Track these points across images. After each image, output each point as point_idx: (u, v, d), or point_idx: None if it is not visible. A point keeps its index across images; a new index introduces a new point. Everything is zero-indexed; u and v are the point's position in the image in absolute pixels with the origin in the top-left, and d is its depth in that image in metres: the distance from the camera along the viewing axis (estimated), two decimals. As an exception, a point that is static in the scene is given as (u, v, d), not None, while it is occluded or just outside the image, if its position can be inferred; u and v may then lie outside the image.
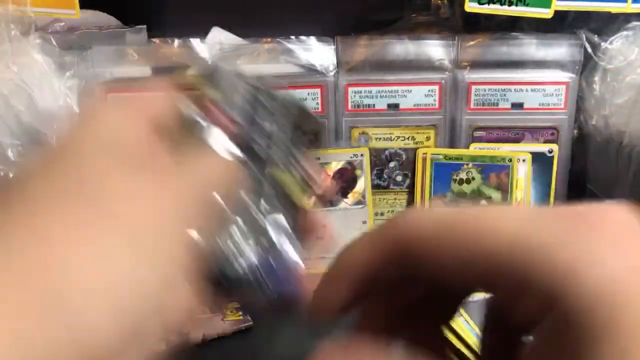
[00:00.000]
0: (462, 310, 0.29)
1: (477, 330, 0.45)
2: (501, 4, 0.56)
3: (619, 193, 0.57)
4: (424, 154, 0.58)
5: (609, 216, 0.17)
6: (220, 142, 0.27)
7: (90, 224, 0.21)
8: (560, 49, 0.58)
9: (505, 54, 0.58)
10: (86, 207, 0.21)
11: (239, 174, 0.27)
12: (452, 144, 0.59)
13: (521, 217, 0.18)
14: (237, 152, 0.28)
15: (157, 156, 0.24)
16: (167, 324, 0.23)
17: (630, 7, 0.55)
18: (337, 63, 0.59)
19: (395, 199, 0.60)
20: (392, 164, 0.59)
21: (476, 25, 0.64)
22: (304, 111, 0.34)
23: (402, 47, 0.58)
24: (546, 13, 0.56)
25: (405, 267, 0.20)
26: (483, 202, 0.58)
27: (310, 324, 0.23)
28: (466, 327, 0.45)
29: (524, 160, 0.57)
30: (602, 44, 0.57)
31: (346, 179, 0.59)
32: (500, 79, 0.58)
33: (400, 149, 0.59)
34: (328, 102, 0.58)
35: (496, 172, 0.57)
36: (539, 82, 0.57)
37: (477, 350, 0.40)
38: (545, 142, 0.58)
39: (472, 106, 0.58)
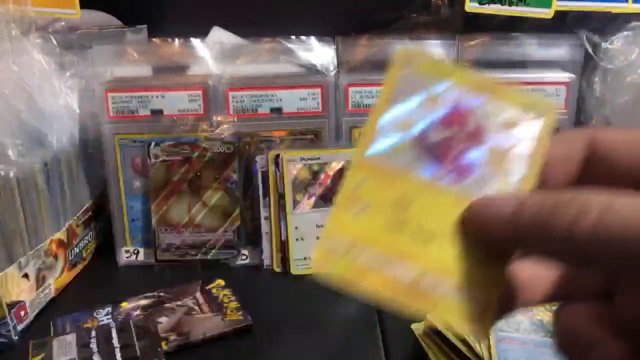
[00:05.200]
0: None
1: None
2: (502, 4, 0.56)
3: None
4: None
5: None
6: None
7: None
8: (560, 49, 0.58)
9: (505, 54, 0.58)
10: None
11: None
12: (452, 144, 0.59)
13: None
14: None
15: None
16: None
17: (631, 7, 0.55)
18: (337, 63, 0.59)
19: (395, 199, 0.60)
20: (392, 164, 0.59)
21: (476, 25, 0.64)
22: None
23: (402, 47, 0.58)
24: (547, 13, 0.56)
25: (594, 158, 0.25)
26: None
27: None
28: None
29: (524, 160, 0.57)
30: (603, 44, 0.57)
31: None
32: (501, 79, 0.57)
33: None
34: (328, 102, 0.58)
35: (497, 172, 0.57)
36: (540, 82, 0.57)
37: (473, 347, 0.40)
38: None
39: (472, 106, 0.58)
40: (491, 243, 0.23)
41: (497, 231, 0.23)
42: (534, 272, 0.25)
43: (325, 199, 0.57)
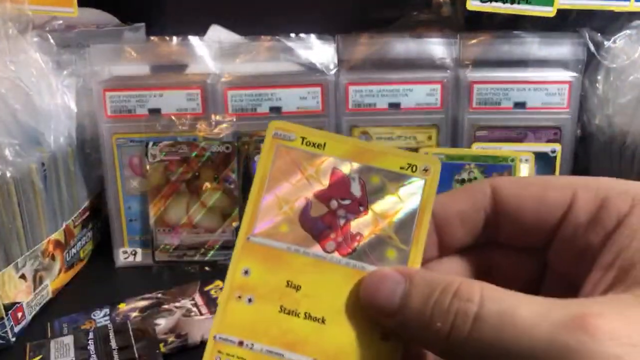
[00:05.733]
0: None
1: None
2: (503, 2, 0.55)
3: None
4: (425, 153, 0.57)
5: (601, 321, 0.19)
6: None
7: None
8: (563, 48, 0.57)
9: (507, 53, 0.57)
10: None
11: None
12: (454, 144, 0.58)
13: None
14: None
15: None
16: None
17: (634, 6, 0.55)
18: (337, 61, 0.58)
19: (396, 199, 0.60)
20: (393, 164, 0.59)
21: (478, 23, 0.63)
22: None
23: (403, 46, 0.58)
24: (549, 11, 0.55)
25: (495, 208, 0.25)
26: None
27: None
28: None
29: (526, 160, 0.57)
30: (605, 42, 0.56)
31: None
32: (503, 77, 0.57)
33: (401, 148, 0.58)
34: (328, 101, 0.57)
35: (498, 172, 0.57)
36: (542, 81, 0.57)
37: None
38: (548, 141, 0.58)
39: (474, 105, 0.58)
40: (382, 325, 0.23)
41: (385, 320, 0.23)
42: None
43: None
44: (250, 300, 0.24)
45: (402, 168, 0.25)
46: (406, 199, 0.25)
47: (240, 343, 0.24)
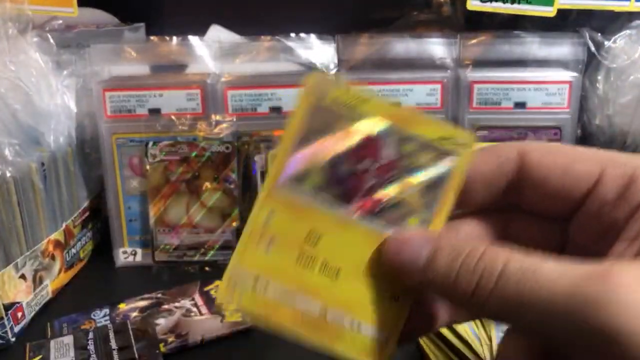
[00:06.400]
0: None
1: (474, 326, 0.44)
2: (503, 2, 0.55)
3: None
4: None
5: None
6: None
7: None
8: (563, 48, 0.57)
9: (507, 53, 0.57)
10: None
11: None
12: (453, 144, 0.58)
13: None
14: None
15: None
16: None
17: (634, 6, 0.55)
18: (337, 61, 0.58)
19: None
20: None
21: (478, 23, 0.63)
22: None
23: (403, 46, 0.58)
24: (549, 11, 0.55)
25: (521, 173, 0.25)
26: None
27: None
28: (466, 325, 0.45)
29: (526, 160, 0.57)
30: (606, 42, 0.56)
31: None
32: (503, 77, 0.57)
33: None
34: (328, 101, 0.57)
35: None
36: (542, 81, 0.57)
37: (473, 347, 0.40)
38: (549, 141, 0.58)
39: (474, 105, 0.58)
40: (403, 284, 0.24)
41: (409, 278, 0.23)
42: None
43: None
44: (269, 245, 0.24)
45: (438, 139, 0.25)
46: (437, 170, 0.25)
47: (254, 286, 0.24)
